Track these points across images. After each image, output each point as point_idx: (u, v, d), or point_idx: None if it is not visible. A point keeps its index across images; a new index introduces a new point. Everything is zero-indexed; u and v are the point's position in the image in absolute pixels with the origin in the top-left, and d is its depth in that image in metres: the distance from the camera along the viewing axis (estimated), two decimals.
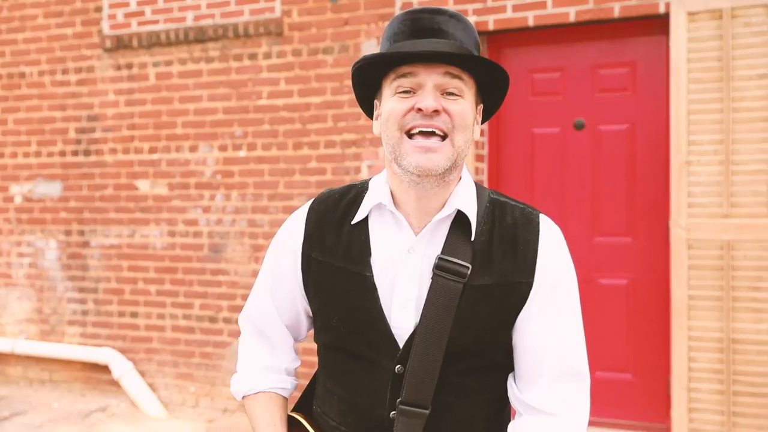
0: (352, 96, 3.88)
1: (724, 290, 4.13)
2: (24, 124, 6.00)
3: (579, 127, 4.74)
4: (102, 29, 5.67)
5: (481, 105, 1.57)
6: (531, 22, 4.56)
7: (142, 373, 5.63)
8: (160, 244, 5.56)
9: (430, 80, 1.43)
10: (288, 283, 1.63)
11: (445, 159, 1.44)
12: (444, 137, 1.44)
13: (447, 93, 1.44)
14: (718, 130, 4.14)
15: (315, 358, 1.73)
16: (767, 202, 4.06)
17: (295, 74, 5.14)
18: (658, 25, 4.45)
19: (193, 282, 5.46)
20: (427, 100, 1.42)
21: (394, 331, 1.48)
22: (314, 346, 1.72)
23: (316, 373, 1.73)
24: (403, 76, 1.45)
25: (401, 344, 1.48)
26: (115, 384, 5.66)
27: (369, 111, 1.62)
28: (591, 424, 4.65)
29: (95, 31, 5.72)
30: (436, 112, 1.42)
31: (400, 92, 1.46)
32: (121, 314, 5.71)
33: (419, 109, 1.42)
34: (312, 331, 1.73)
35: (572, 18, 4.47)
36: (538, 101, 4.85)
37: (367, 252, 1.52)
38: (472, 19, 4.65)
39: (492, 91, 1.56)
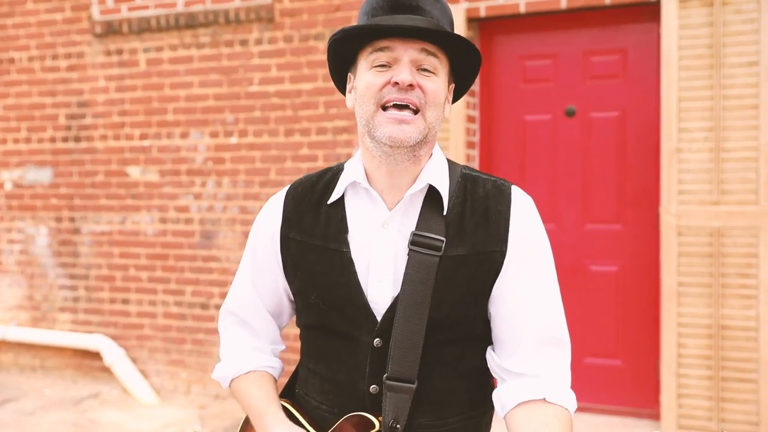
0: None
1: (714, 277, 4.16)
2: (14, 110, 5.97)
3: (570, 114, 4.75)
4: (92, 15, 5.63)
5: (453, 84, 1.60)
6: (523, 9, 4.55)
7: (134, 360, 5.63)
8: (151, 231, 5.55)
9: (406, 55, 1.47)
10: (269, 267, 1.66)
11: (416, 131, 1.47)
12: (416, 111, 1.47)
13: (422, 69, 1.48)
14: (709, 118, 4.15)
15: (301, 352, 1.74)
16: (756, 189, 4.08)
17: (287, 60, 5.12)
18: (649, 12, 4.46)
19: (185, 269, 5.46)
20: (404, 74, 1.45)
21: (371, 306, 1.51)
22: (299, 340, 1.74)
23: (299, 363, 1.75)
24: (380, 50, 1.48)
25: (379, 318, 1.51)
26: (106, 371, 5.66)
27: (341, 84, 1.64)
28: (580, 409, 4.69)
29: (85, 16, 5.68)
30: (411, 86, 1.46)
31: (377, 66, 1.49)
32: (113, 301, 5.70)
33: (395, 83, 1.46)
34: (295, 319, 1.75)
35: (564, 5, 4.47)
36: (529, 88, 4.85)
37: (344, 229, 1.56)
38: (463, 5, 4.64)
39: (464, 72, 1.59)
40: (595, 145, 4.71)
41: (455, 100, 1.64)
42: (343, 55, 1.57)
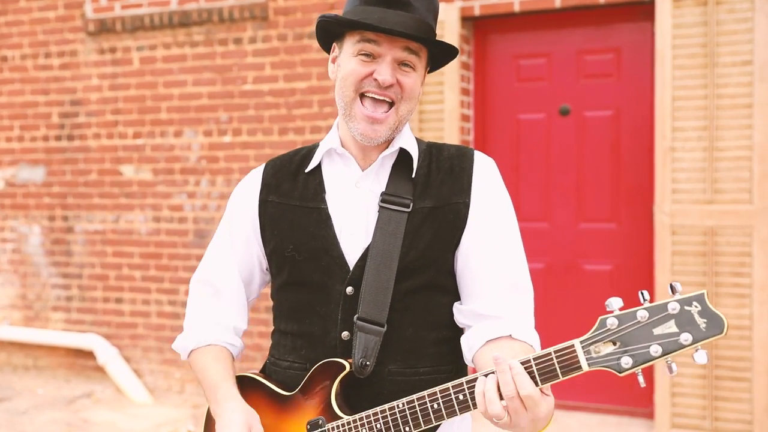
0: None
1: (707, 275, 4.16)
2: (6, 109, 5.94)
3: (564, 113, 4.75)
4: (85, 13, 5.61)
5: (428, 68, 1.70)
6: (517, 8, 4.55)
7: (128, 359, 5.62)
8: (144, 230, 5.54)
9: (390, 54, 1.57)
10: (244, 235, 1.73)
11: (387, 129, 1.60)
12: (391, 104, 1.59)
13: (402, 64, 1.58)
14: (702, 117, 4.16)
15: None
16: (750, 189, 4.09)
17: (281, 59, 5.11)
18: (643, 11, 4.46)
19: (178, 268, 5.45)
20: (385, 73, 1.56)
21: (345, 257, 1.60)
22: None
23: (271, 334, 1.79)
24: (368, 41, 1.57)
25: (351, 267, 1.59)
26: (100, 370, 5.64)
27: (326, 47, 1.74)
28: (576, 408, 4.69)
29: (78, 14, 5.66)
30: (391, 85, 1.57)
31: (362, 55, 1.58)
32: (106, 300, 5.69)
33: (376, 79, 1.56)
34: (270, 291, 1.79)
35: (558, 4, 4.47)
36: (523, 87, 4.85)
37: (321, 190, 1.67)
38: (458, 4, 4.64)
39: (441, 62, 1.71)
40: (589, 144, 4.71)
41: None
42: (330, 30, 1.68)
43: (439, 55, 1.67)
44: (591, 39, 4.68)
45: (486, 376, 1.36)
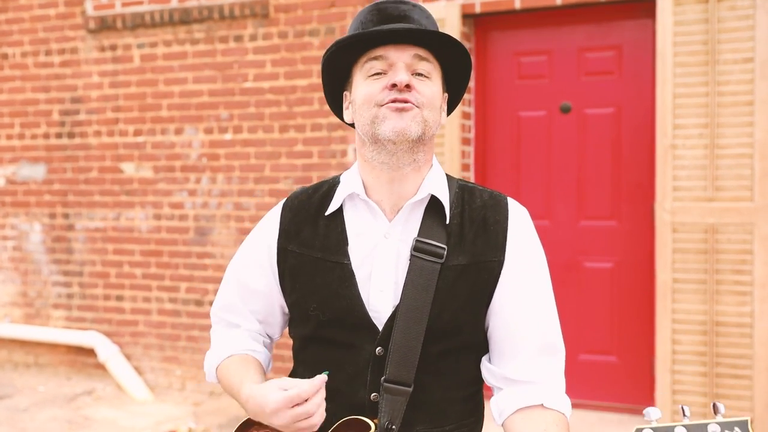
0: None
1: (708, 273, 4.16)
2: (7, 106, 5.94)
3: (565, 110, 4.74)
4: (86, 10, 5.61)
5: (446, 94, 1.63)
6: (518, 5, 4.54)
7: (128, 357, 5.62)
8: (145, 227, 5.54)
9: (401, 60, 1.50)
10: (263, 280, 1.65)
11: (416, 124, 1.49)
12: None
13: (416, 74, 1.51)
14: (703, 114, 4.15)
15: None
16: (751, 186, 4.08)
17: (281, 56, 5.11)
18: (644, 8, 4.45)
19: (179, 265, 5.45)
20: (401, 75, 1.48)
21: (372, 315, 1.52)
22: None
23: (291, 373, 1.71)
24: (375, 59, 1.51)
25: (380, 327, 1.52)
26: (101, 367, 5.65)
27: (336, 104, 1.66)
28: (575, 406, 4.68)
29: (79, 12, 5.65)
30: (408, 87, 1.48)
31: (372, 74, 1.51)
32: (107, 297, 5.69)
33: (393, 85, 1.48)
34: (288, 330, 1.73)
35: (559, 1, 4.46)
36: (524, 84, 4.85)
37: (344, 241, 1.57)
38: (458, 1, 4.63)
39: (456, 78, 1.63)
40: (589, 141, 4.70)
41: (450, 110, 1.67)
42: (337, 72, 1.59)
43: (453, 69, 1.59)
44: (592, 36, 4.67)
45: None
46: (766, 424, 4.06)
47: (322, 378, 1.43)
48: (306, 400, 1.39)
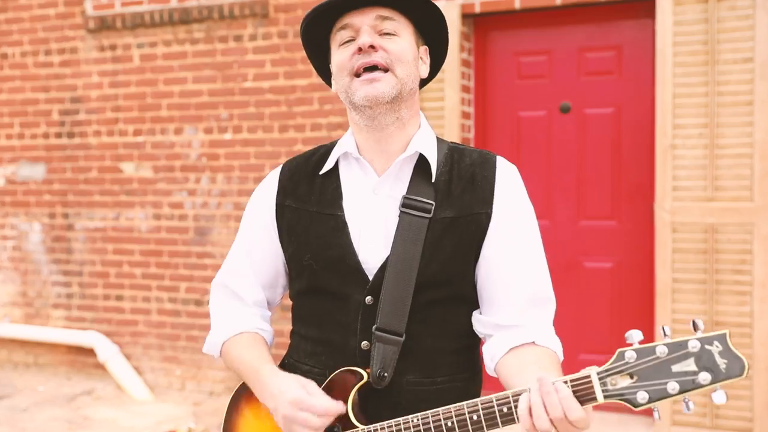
0: None
1: (708, 273, 4.16)
2: (6, 106, 5.94)
3: (565, 110, 4.74)
4: (85, 10, 5.61)
5: (426, 47, 1.68)
6: (518, 5, 4.54)
7: (128, 357, 5.62)
8: (145, 227, 5.54)
9: (364, 23, 1.57)
10: (266, 238, 1.72)
11: (389, 87, 1.55)
12: (386, 70, 1.56)
13: (384, 34, 1.58)
14: (703, 114, 4.15)
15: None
16: (751, 186, 4.08)
17: (281, 56, 5.11)
18: (644, 8, 4.45)
19: (179, 265, 5.45)
20: (363, 37, 1.55)
21: (363, 265, 1.58)
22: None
23: (290, 334, 1.77)
24: (342, 28, 1.59)
25: (371, 277, 1.58)
26: (100, 367, 5.65)
27: (327, 79, 1.73)
28: None
29: (78, 11, 5.65)
30: (372, 47, 1.55)
31: (343, 43, 1.59)
32: (107, 297, 5.69)
33: (359, 49, 1.55)
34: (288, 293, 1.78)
35: (559, 1, 4.46)
36: (524, 84, 4.85)
37: (338, 196, 1.64)
38: (458, 1, 4.63)
39: (432, 31, 1.68)
40: (589, 141, 4.71)
41: (440, 62, 1.72)
42: (318, 46, 1.68)
43: (426, 22, 1.64)
44: (592, 36, 4.67)
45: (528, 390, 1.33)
46: (765, 423, 4.06)
47: (339, 408, 1.49)
48: (316, 415, 1.46)
